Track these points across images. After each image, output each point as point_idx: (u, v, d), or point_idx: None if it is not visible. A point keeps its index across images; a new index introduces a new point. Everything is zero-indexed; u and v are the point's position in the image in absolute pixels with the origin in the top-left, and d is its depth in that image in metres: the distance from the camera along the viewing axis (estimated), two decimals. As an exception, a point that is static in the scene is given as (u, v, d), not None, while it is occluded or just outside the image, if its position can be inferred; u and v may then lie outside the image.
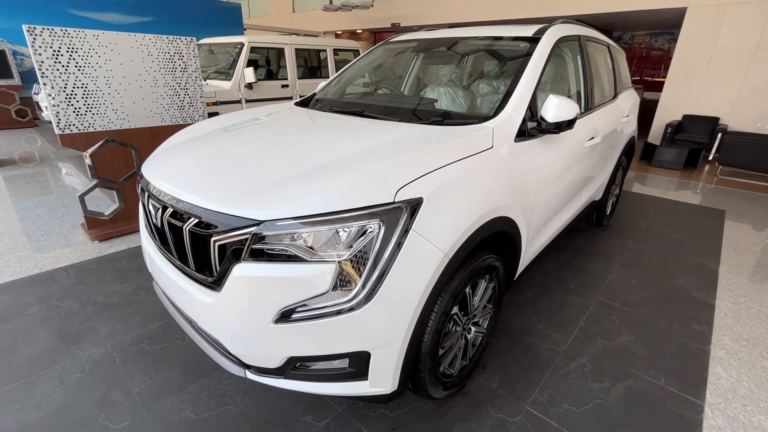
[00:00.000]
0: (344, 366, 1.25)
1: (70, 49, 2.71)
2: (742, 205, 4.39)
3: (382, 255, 1.15)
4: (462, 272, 1.41)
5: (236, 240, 1.16)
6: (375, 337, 1.19)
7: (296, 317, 1.16)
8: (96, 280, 2.52)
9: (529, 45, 2.02)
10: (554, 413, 1.63)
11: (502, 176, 1.55)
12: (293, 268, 1.13)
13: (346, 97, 2.53)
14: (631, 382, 1.81)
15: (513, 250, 1.79)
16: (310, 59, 6.28)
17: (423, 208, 1.20)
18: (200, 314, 1.32)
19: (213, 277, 1.25)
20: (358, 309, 1.14)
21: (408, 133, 1.59)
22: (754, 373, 1.89)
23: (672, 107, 7.21)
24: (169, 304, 1.62)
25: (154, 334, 2.03)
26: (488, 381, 1.79)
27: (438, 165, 1.32)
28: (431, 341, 1.35)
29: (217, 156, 1.52)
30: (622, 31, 11.61)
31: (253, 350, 1.23)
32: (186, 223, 1.27)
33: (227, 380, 1.74)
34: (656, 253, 3.11)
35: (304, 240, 1.14)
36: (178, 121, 3.39)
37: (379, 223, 1.15)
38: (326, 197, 1.16)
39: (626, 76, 3.54)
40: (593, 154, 2.45)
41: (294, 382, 1.28)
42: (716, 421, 1.62)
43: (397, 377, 1.28)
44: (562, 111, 1.71)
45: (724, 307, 2.41)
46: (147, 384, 1.72)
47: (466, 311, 1.58)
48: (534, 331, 2.14)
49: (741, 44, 6.32)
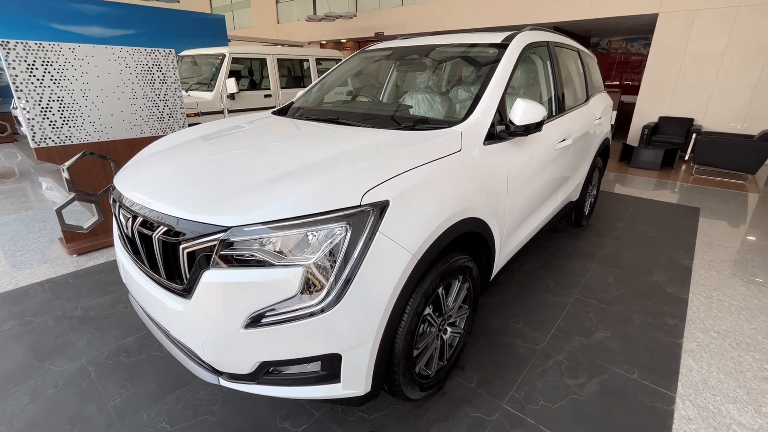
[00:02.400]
0: (316, 369, 1.26)
1: (45, 62, 2.70)
2: (716, 202, 4.53)
3: (349, 257, 1.17)
4: (433, 273, 1.43)
5: (204, 247, 1.17)
6: (345, 339, 1.21)
7: (266, 321, 1.17)
8: (73, 294, 2.48)
9: (498, 51, 2.08)
10: (530, 410, 1.65)
11: (471, 178, 1.59)
12: (261, 273, 1.15)
13: (324, 105, 2.56)
14: (606, 376, 1.84)
15: (487, 251, 1.82)
16: (293, 69, 6.32)
17: (389, 210, 1.23)
18: (172, 322, 1.32)
19: (183, 284, 1.25)
20: (328, 311, 1.16)
21: (379, 138, 1.62)
22: (723, 363, 1.94)
23: (648, 109, 7.42)
24: (143, 315, 1.61)
25: (131, 347, 2.01)
26: (466, 381, 1.81)
27: (404, 168, 1.35)
28: (404, 342, 1.36)
29: (190, 165, 1.53)
30: (599, 37, 11.93)
31: (224, 356, 1.23)
32: (155, 232, 1.28)
33: (204, 390, 1.73)
34: (633, 250, 3.19)
35: (272, 244, 1.16)
36: (158, 132, 3.39)
37: (345, 226, 1.17)
38: (293, 202, 1.18)
39: (598, 80, 3.65)
40: (566, 155, 2.52)
41: (267, 387, 1.29)
42: (687, 411, 1.66)
43: (369, 378, 1.29)
44: (529, 114, 1.76)
45: (696, 301, 2.48)
46: (122, 397, 1.70)
47: (440, 312, 1.60)
48: (512, 330, 2.17)
49: (711, 48, 6.57)
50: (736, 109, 6.58)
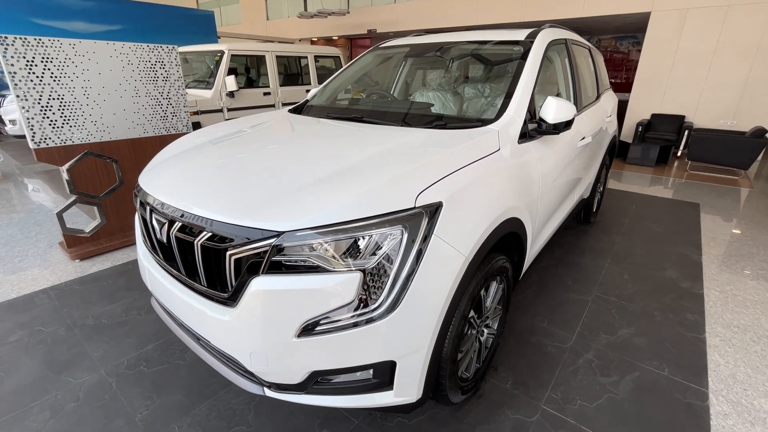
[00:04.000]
0: (368, 377, 1.22)
1: (44, 59, 2.57)
2: (713, 198, 4.62)
3: (405, 261, 1.13)
4: (478, 275, 1.41)
5: (254, 253, 1.12)
6: (401, 346, 1.17)
7: (320, 330, 1.12)
8: (81, 301, 2.38)
9: (523, 48, 2.06)
10: (570, 410, 1.64)
11: (510, 177, 1.57)
12: (315, 280, 1.10)
13: (341, 103, 2.50)
14: (638, 373, 1.85)
15: (519, 250, 1.81)
16: (291, 66, 6.21)
17: (443, 212, 1.20)
18: (213, 332, 1.26)
19: (228, 292, 1.19)
20: (384, 318, 1.12)
21: (415, 137, 1.58)
22: (748, 358, 1.97)
23: (641, 107, 7.55)
24: (171, 323, 1.54)
25: (151, 356, 1.93)
26: (501, 382, 1.79)
27: (453, 168, 1.32)
28: (452, 346, 1.34)
29: (221, 166, 1.46)
30: (590, 35, 12.09)
31: (274, 367, 1.18)
32: (197, 238, 1.21)
33: (236, 399, 1.67)
34: (642, 246, 3.23)
35: (326, 250, 1.11)
36: (162, 131, 3.27)
37: (401, 230, 1.13)
38: (346, 205, 1.13)
39: (605, 77, 3.67)
40: (584, 153, 2.52)
41: (316, 397, 1.24)
42: (722, 407, 1.67)
43: (422, 385, 1.26)
44: (561, 112, 1.75)
45: (712, 296, 2.52)
46: (150, 409, 1.63)
47: (480, 313, 1.58)
48: (539, 329, 2.16)
49: (702, 46, 6.70)
50: (726, 106, 6.74)
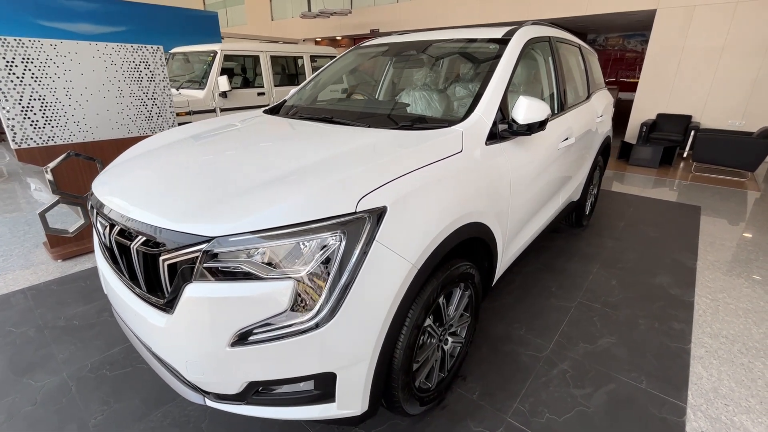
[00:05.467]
0: (309, 388, 1.17)
1: (25, 59, 2.58)
2: (716, 200, 4.47)
3: (344, 268, 1.08)
4: (434, 282, 1.35)
5: (186, 258, 1.08)
6: (341, 357, 1.12)
7: (254, 339, 1.08)
8: (56, 302, 2.37)
9: (499, 47, 1.99)
10: (536, 424, 1.57)
11: (474, 180, 1.51)
12: (248, 287, 1.05)
13: (318, 104, 2.46)
14: (613, 386, 1.77)
15: (489, 256, 1.74)
16: (288, 67, 6.20)
17: (387, 217, 1.14)
18: (154, 339, 1.23)
19: (165, 298, 1.16)
20: (321, 327, 1.07)
21: (376, 139, 1.53)
22: (734, 371, 1.87)
23: (646, 107, 7.37)
24: (125, 327, 1.51)
25: (116, 359, 1.91)
26: (468, 392, 1.73)
27: (403, 171, 1.26)
28: (403, 356, 1.28)
29: (173, 168, 1.43)
30: (596, 33, 11.88)
31: (209, 376, 1.14)
32: (133, 242, 1.18)
33: (192, 406, 1.64)
34: (635, 251, 3.12)
35: (261, 256, 1.06)
36: (146, 132, 3.27)
37: (340, 235, 1.08)
38: (283, 209, 1.08)
39: (599, 76, 3.57)
40: (568, 154, 2.44)
41: (257, 408, 1.20)
42: (698, 423, 1.59)
43: (366, 397, 1.21)
44: (532, 112, 1.67)
45: (702, 304, 2.41)
46: (105, 414, 1.60)
47: (441, 322, 1.52)
48: (515, 337, 2.09)
49: (709, 44, 6.51)
50: (734, 106, 6.54)
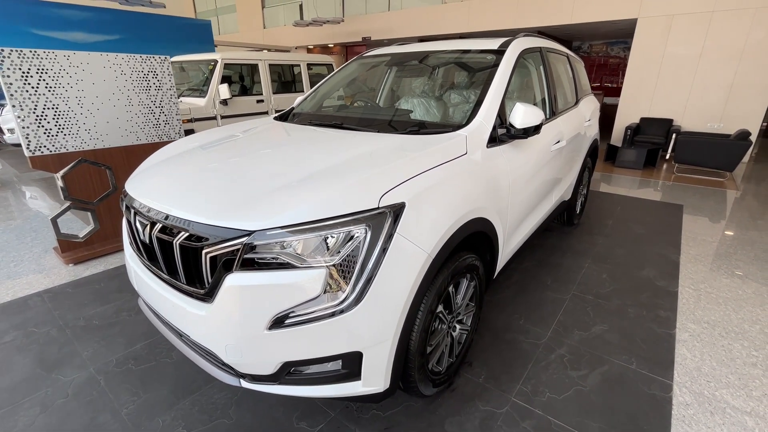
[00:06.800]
0: (337, 368, 1.30)
1: (39, 70, 2.67)
2: (697, 199, 4.72)
3: (369, 258, 1.21)
4: (445, 272, 1.49)
5: (227, 251, 1.20)
6: (366, 337, 1.25)
7: (289, 322, 1.20)
8: (74, 303, 2.45)
9: (495, 57, 2.16)
10: (538, 402, 1.72)
11: (477, 180, 1.66)
12: (284, 275, 1.18)
13: (324, 111, 2.60)
14: (607, 367, 1.93)
15: (491, 250, 1.89)
16: (284, 74, 6.34)
17: (406, 212, 1.28)
18: (193, 327, 1.34)
19: (205, 289, 1.28)
20: (349, 311, 1.20)
21: (387, 142, 1.67)
22: (715, 352, 2.05)
23: (630, 111, 7.67)
24: (157, 321, 1.62)
25: (139, 354, 2.00)
26: (475, 376, 1.86)
27: (417, 171, 1.41)
28: (419, 339, 1.41)
29: (202, 171, 1.55)
30: (581, 41, 12.27)
31: (247, 358, 1.26)
32: (176, 238, 1.30)
33: (219, 394, 1.74)
34: (623, 247, 3.31)
35: (294, 248, 1.19)
36: (154, 139, 3.37)
37: (365, 228, 1.22)
38: (313, 206, 1.22)
39: (586, 83, 3.78)
40: (560, 156, 2.61)
41: (289, 387, 1.32)
42: (684, 397, 1.75)
43: (389, 375, 1.34)
44: (528, 117, 1.84)
45: (686, 294, 2.60)
46: (135, 404, 1.70)
47: (450, 309, 1.66)
48: (515, 326, 2.24)
49: (688, 51, 6.84)
50: (712, 110, 6.86)
